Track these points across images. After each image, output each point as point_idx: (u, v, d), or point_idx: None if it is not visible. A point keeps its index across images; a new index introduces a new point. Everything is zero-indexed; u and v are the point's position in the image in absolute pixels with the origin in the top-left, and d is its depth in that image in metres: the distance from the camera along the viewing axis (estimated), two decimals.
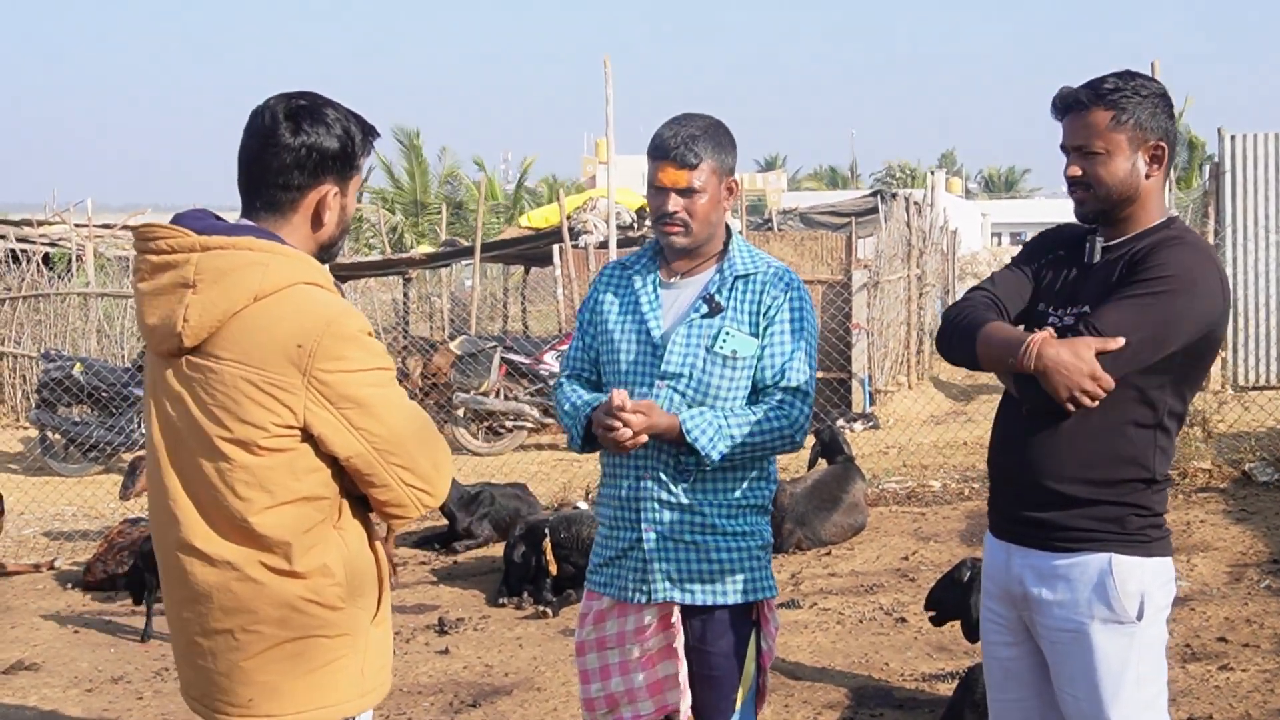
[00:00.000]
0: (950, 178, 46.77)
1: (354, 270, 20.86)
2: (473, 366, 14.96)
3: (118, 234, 23.38)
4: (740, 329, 3.78)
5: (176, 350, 2.84)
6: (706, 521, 3.79)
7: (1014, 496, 3.49)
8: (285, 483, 2.84)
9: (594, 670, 3.96)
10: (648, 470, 3.81)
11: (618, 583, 3.89)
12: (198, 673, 2.97)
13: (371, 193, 45.46)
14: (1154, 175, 3.38)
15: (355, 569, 2.95)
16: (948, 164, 73.61)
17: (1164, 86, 3.39)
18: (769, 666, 3.95)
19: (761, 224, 25.73)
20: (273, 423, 2.80)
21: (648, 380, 3.81)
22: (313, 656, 2.90)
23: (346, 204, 3.03)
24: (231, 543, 2.85)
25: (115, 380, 14.20)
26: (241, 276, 2.79)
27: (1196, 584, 7.95)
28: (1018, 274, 3.59)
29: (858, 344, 16.84)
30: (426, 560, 9.81)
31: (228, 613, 2.87)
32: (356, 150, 2.99)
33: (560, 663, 7.03)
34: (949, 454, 13.04)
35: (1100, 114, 3.34)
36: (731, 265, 3.85)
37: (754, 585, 3.84)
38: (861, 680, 6.57)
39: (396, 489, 2.90)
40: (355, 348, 2.84)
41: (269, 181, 2.92)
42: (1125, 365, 3.23)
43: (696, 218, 3.79)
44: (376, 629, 3.03)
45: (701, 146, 3.76)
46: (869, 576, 8.69)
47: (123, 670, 7.18)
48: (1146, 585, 3.34)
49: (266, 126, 2.90)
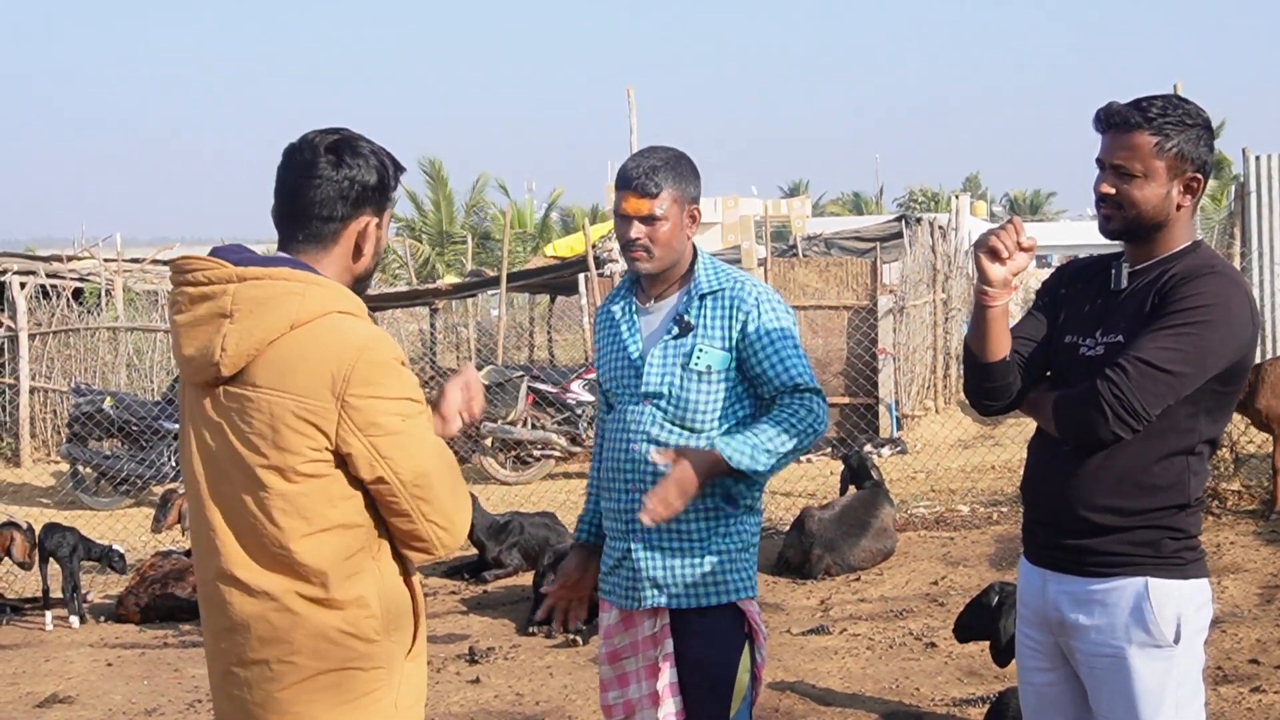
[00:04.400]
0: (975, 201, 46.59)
1: (381, 301, 20.93)
2: (500, 396, 14.98)
3: (146, 268, 23.52)
4: (711, 345, 3.93)
5: (214, 380, 2.88)
6: (689, 529, 3.92)
7: (1049, 524, 3.49)
8: (321, 510, 2.86)
9: (610, 679, 4.11)
10: (635, 482, 3.95)
11: (618, 591, 4.05)
12: (233, 703, 2.99)
13: (398, 222, 45.62)
14: (1187, 204, 3.38)
15: (392, 602, 2.96)
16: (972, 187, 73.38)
17: (1208, 117, 3.39)
18: (762, 677, 4.05)
19: (786, 250, 25.73)
20: (308, 448, 2.83)
21: (635, 400, 3.99)
22: (348, 688, 2.91)
23: (382, 235, 3.10)
24: (270, 572, 2.88)
25: (145, 414, 14.28)
26: (278, 306, 2.84)
27: (1228, 606, 7.92)
28: (1032, 319, 3.60)
29: (884, 369, 16.82)
30: (456, 590, 9.84)
31: (265, 643, 2.89)
32: (390, 182, 3.06)
33: (591, 691, 7.03)
34: (977, 478, 13.01)
35: (1145, 137, 3.33)
36: (697, 284, 4.00)
37: (735, 586, 3.94)
38: (892, 705, 6.57)
39: (417, 522, 2.93)
40: (388, 375, 2.87)
41: (312, 214, 2.97)
42: (1168, 397, 3.24)
43: (658, 243, 3.94)
44: (411, 663, 3.04)
45: (662, 176, 3.93)
46: (898, 601, 8.68)
47: (156, 702, 7.22)
48: (1183, 608, 3.34)
49: (307, 160, 2.96)
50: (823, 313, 16.79)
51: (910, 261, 19.08)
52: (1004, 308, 3.42)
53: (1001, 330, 3.44)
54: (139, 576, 9.25)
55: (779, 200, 42.47)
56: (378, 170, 3.01)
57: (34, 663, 8.14)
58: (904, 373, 17.47)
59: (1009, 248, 3.33)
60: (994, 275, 3.35)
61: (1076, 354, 3.44)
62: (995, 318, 3.42)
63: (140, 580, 9.19)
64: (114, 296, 21.05)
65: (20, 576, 10.09)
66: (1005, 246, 3.33)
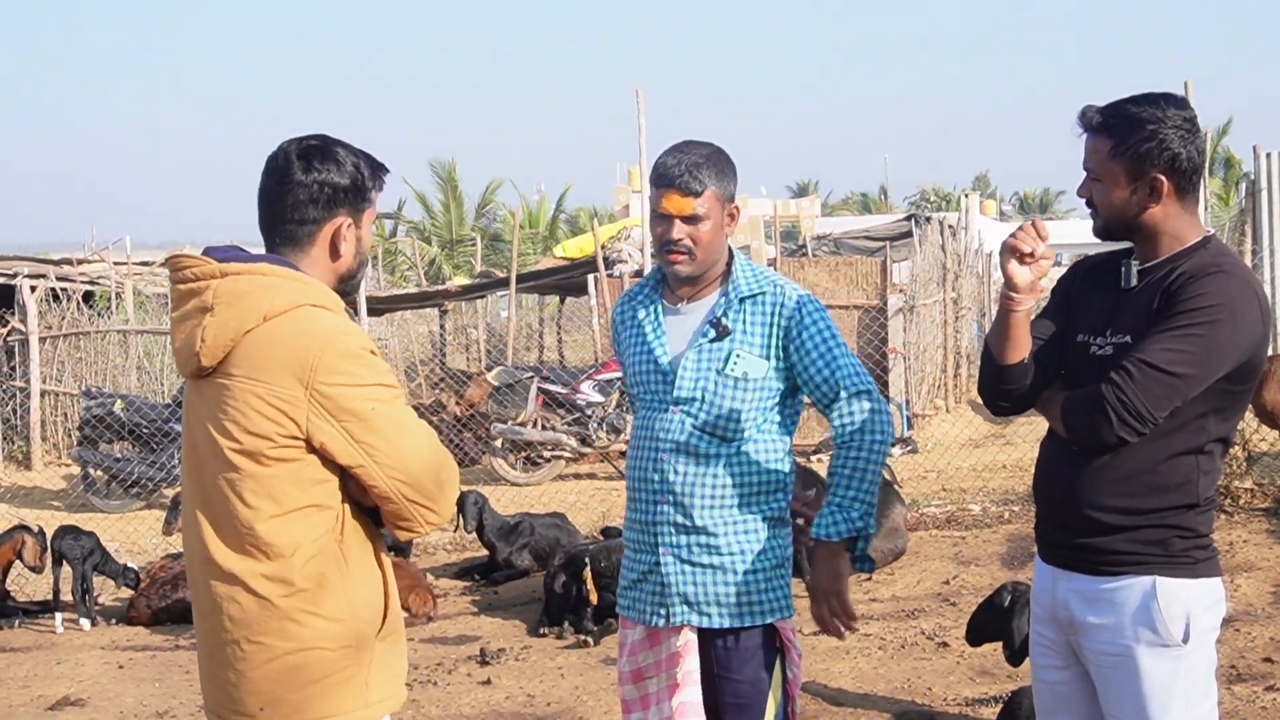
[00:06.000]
0: (985, 200, 46.50)
1: (390, 303, 20.96)
2: (510, 397, 14.98)
3: (156, 271, 23.53)
4: (750, 351, 3.79)
5: (198, 371, 3.01)
6: (720, 543, 3.80)
7: (1058, 524, 3.48)
8: (291, 492, 2.97)
9: (634, 700, 3.96)
10: (664, 495, 3.83)
11: (639, 605, 3.91)
12: (213, 683, 3.11)
13: (408, 224, 45.60)
14: (1154, 205, 3.32)
15: (357, 583, 3.05)
16: (982, 186, 73.26)
17: (1186, 114, 3.32)
18: (796, 695, 3.92)
19: (796, 250, 25.72)
20: (278, 433, 2.94)
21: (663, 406, 3.85)
22: (315, 668, 3.00)
23: (362, 235, 3.20)
24: (238, 555, 2.99)
25: (156, 416, 14.28)
26: (254, 298, 2.96)
27: (1241, 604, 7.89)
28: (1046, 318, 3.58)
29: (894, 368, 16.80)
30: (467, 591, 9.85)
31: (235, 624, 3.00)
32: (367, 184, 3.16)
33: (602, 692, 7.03)
34: (988, 477, 12.99)
35: (1102, 141, 3.33)
36: (736, 287, 3.85)
37: (770, 606, 3.83)
38: (904, 705, 6.55)
39: (399, 503, 3.02)
40: (356, 364, 2.97)
41: (286, 217, 3.10)
42: (1173, 399, 3.22)
43: (700, 244, 3.80)
44: (382, 642, 3.12)
45: (705, 174, 3.77)
46: (910, 601, 8.67)
47: (167, 705, 7.22)
48: (1191, 607, 3.32)
49: (281, 166, 3.09)
50: (832, 312, 16.44)
51: (920, 260, 19.06)
52: (1027, 312, 3.41)
53: (1023, 334, 3.43)
54: (150, 579, 9.26)
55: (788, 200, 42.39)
56: (350, 173, 3.11)
57: (45, 665, 8.15)
58: (914, 372, 17.44)
59: (1031, 243, 3.32)
60: (1019, 280, 3.34)
61: (1088, 353, 3.43)
62: (1018, 321, 3.41)
63: (151, 583, 9.19)
64: (124, 299, 21.08)
65: (31, 579, 10.10)
66: (1028, 242, 3.32)
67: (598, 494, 13.55)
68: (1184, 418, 3.28)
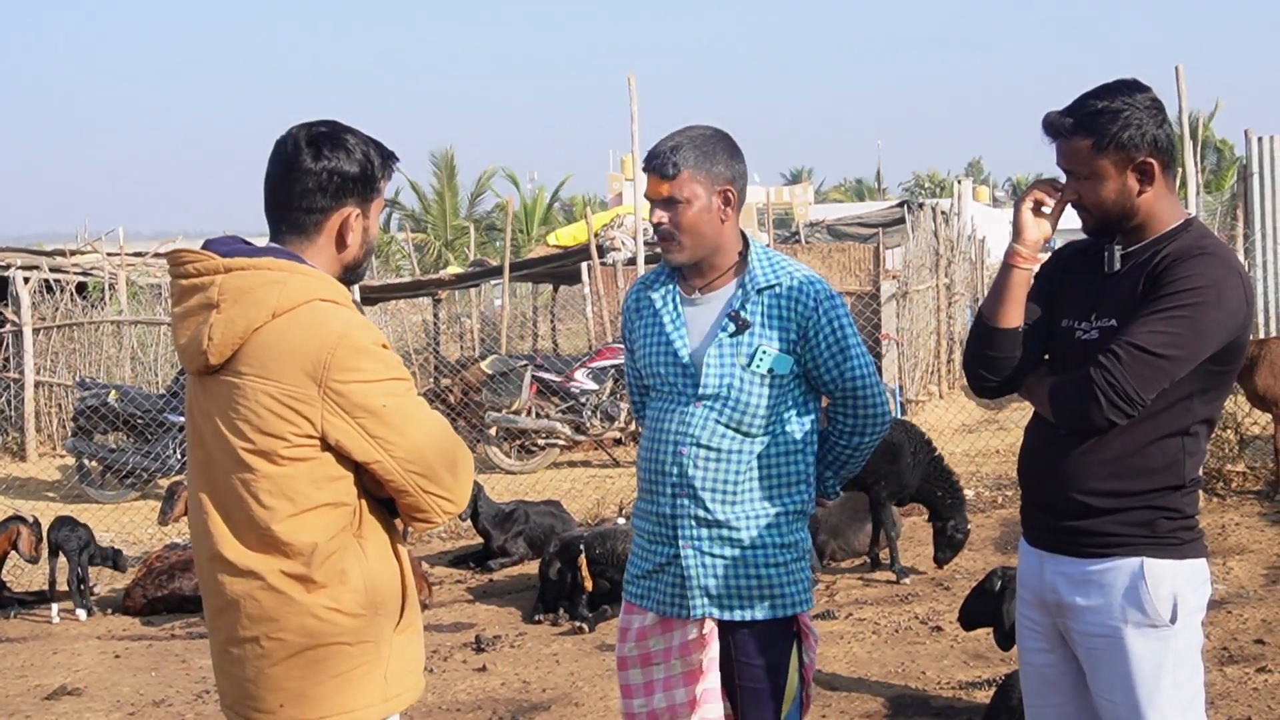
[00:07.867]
0: (978, 186, 46.62)
1: (383, 292, 20.95)
2: (504, 385, 15.00)
3: (149, 262, 23.52)
4: (772, 345, 3.73)
5: (205, 368, 2.97)
6: (742, 536, 3.76)
7: (1044, 506, 3.49)
8: (307, 491, 2.94)
9: (637, 686, 3.93)
10: (684, 488, 3.78)
11: (655, 595, 3.86)
12: (230, 681, 3.08)
13: (403, 213, 45.56)
14: (1149, 188, 3.34)
15: (375, 576, 3.03)
16: (975, 172, 73.44)
17: (1150, 95, 3.34)
18: (811, 679, 3.93)
19: (789, 237, 25.76)
20: (292, 433, 2.91)
21: (686, 400, 3.79)
22: (336, 663, 2.99)
23: (369, 225, 3.15)
24: (256, 552, 2.96)
25: (150, 407, 14.29)
26: (261, 295, 2.91)
27: (1233, 587, 7.93)
28: (1030, 303, 3.57)
29: (887, 354, 16.83)
30: (462, 579, 9.86)
31: (254, 620, 2.98)
32: (376, 173, 3.10)
33: (597, 678, 7.05)
34: (981, 462, 13.02)
35: (1080, 141, 3.33)
36: (753, 278, 3.77)
37: (792, 600, 3.81)
38: (898, 689, 6.58)
39: (416, 495, 3.00)
40: (369, 359, 2.93)
41: (293, 205, 3.04)
42: (1161, 381, 3.24)
43: (684, 229, 3.70)
44: (400, 635, 3.11)
45: (682, 155, 3.67)
46: (904, 586, 8.69)
47: (164, 694, 7.24)
48: (1179, 588, 3.34)
49: (289, 153, 3.03)
50: None
51: (913, 247, 19.10)
52: (1028, 274, 3.45)
53: (1020, 296, 3.45)
54: (145, 569, 9.27)
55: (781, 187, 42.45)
56: (360, 162, 3.05)
57: (42, 655, 8.16)
58: (907, 358, 17.47)
59: (1052, 196, 3.41)
60: (1028, 229, 3.42)
61: (1073, 338, 3.45)
62: (1017, 282, 3.44)
63: (147, 572, 9.20)
64: (117, 290, 21.06)
65: (26, 570, 10.11)
66: (1053, 194, 3.41)
67: (592, 481, 13.58)
68: (1170, 400, 3.30)
